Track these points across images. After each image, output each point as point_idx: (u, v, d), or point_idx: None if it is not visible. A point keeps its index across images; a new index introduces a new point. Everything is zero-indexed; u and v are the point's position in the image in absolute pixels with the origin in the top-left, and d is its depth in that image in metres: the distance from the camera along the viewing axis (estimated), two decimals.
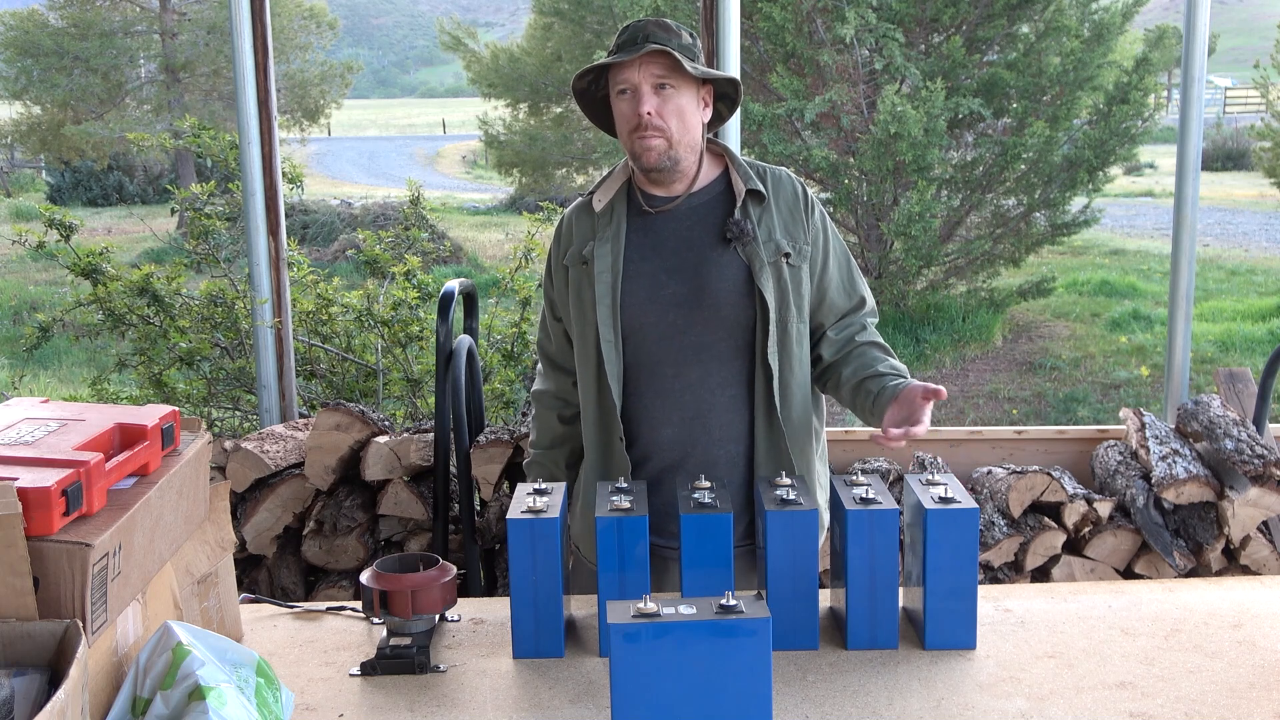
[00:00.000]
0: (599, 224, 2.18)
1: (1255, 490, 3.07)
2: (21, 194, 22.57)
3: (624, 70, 2.08)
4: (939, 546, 1.76)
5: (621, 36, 2.12)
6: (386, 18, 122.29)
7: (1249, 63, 17.78)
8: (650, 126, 2.07)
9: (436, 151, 33.29)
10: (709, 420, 2.14)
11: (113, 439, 1.58)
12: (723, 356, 2.14)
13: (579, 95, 2.21)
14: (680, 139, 2.09)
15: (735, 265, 2.12)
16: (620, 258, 2.14)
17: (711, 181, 2.19)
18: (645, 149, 2.09)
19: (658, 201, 2.18)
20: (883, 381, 2.09)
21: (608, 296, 2.13)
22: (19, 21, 18.73)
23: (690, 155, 2.14)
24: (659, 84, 2.07)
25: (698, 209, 2.17)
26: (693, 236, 2.15)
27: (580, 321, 2.20)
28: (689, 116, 2.10)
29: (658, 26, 2.09)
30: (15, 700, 1.29)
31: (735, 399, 2.15)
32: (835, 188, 9.69)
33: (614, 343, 2.13)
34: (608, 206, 2.19)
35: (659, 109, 2.07)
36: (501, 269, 4.73)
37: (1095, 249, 14.20)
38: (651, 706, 1.42)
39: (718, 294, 2.11)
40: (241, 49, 3.78)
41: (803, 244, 2.17)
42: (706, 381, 2.14)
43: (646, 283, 2.13)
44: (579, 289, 2.19)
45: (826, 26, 9.47)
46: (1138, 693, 1.65)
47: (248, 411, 4.55)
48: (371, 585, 1.81)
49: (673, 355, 2.13)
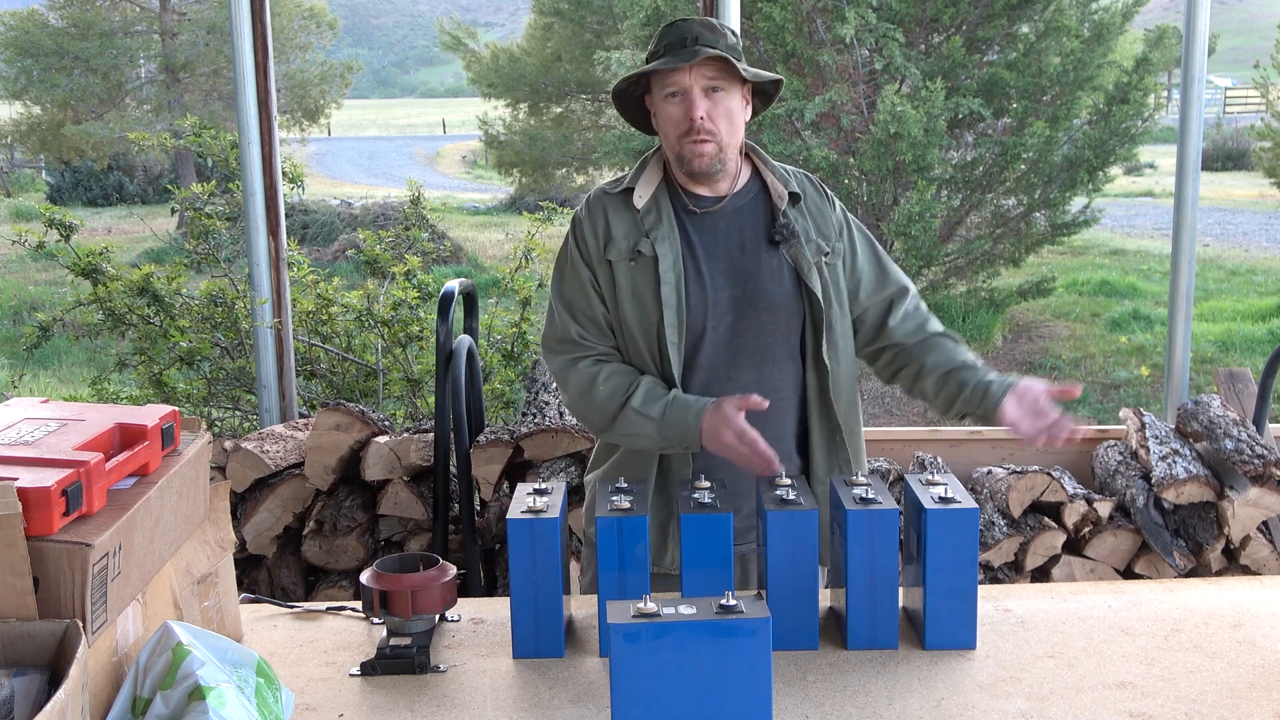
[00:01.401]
0: (647, 220, 2.11)
1: (1255, 490, 3.07)
2: (21, 194, 22.56)
3: (674, 74, 2.04)
4: (939, 546, 1.76)
5: (667, 38, 2.07)
6: (386, 18, 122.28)
7: (1249, 63, 17.78)
8: (703, 130, 2.04)
9: (436, 151, 33.28)
10: (762, 423, 2.06)
11: (113, 439, 1.58)
12: (776, 359, 2.12)
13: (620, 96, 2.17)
14: (729, 141, 2.07)
15: (784, 267, 2.11)
16: (680, 258, 2.09)
17: (748, 181, 2.17)
18: (697, 154, 2.05)
19: (704, 201, 2.14)
20: (979, 373, 2.08)
21: (673, 298, 2.07)
22: (19, 21, 18.72)
23: (735, 156, 2.12)
24: (710, 87, 2.04)
25: (741, 210, 2.15)
26: (742, 238, 2.13)
27: (641, 320, 2.11)
28: (737, 118, 2.08)
29: (704, 27, 2.06)
30: (15, 700, 1.29)
31: (786, 401, 2.13)
32: (835, 188, 9.68)
33: (679, 345, 2.09)
34: (651, 202, 2.12)
35: (710, 113, 2.04)
36: (501, 269, 4.73)
37: (1095, 249, 14.20)
38: (651, 706, 1.42)
39: (772, 296, 2.10)
40: (241, 49, 3.78)
41: (834, 240, 2.16)
42: (761, 383, 2.10)
43: (704, 284, 2.10)
44: (634, 286, 2.10)
45: (826, 26, 9.47)
46: (1138, 693, 1.65)
47: (248, 411, 4.55)
48: (371, 585, 1.81)
49: (728, 359, 2.11)
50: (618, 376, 2.09)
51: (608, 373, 2.11)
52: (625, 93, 2.16)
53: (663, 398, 2.04)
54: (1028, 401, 1.99)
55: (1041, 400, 1.98)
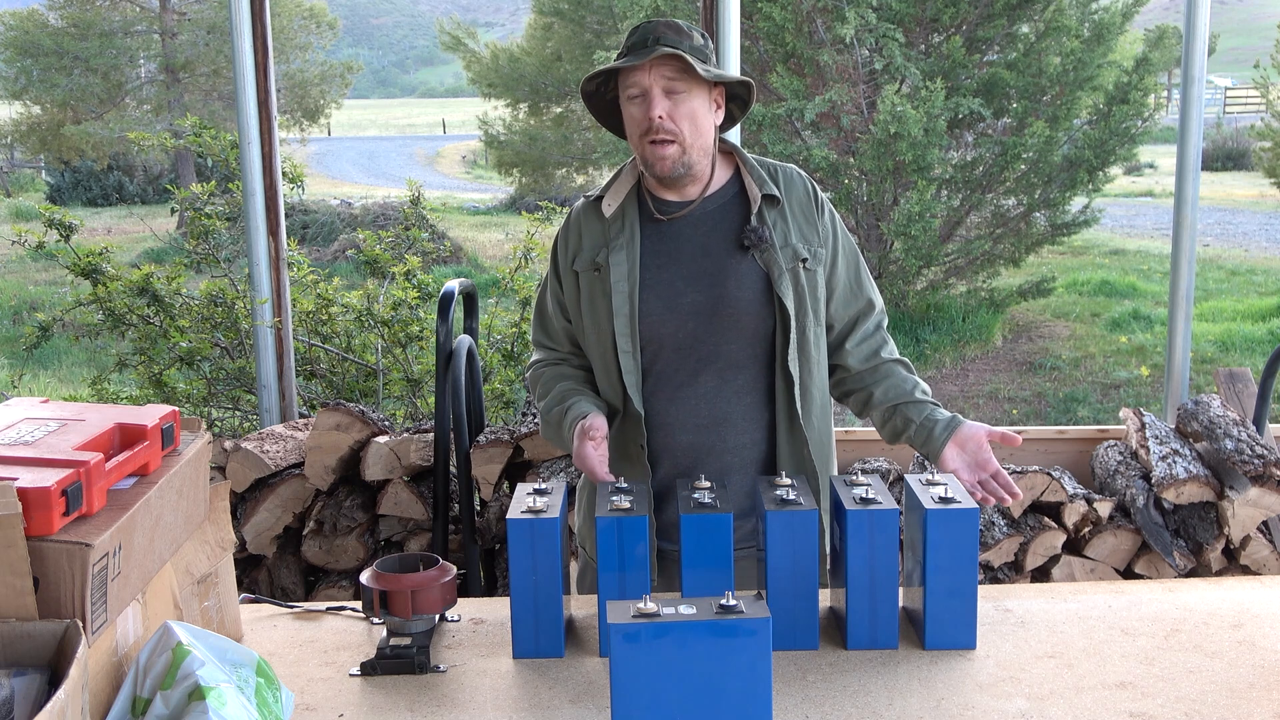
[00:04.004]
0: (610, 229, 2.13)
1: (1255, 490, 3.07)
2: (21, 194, 22.57)
3: (634, 73, 2.04)
4: (939, 546, 1.76)
5: (631, 38, 2.07)
6: (386, 18, 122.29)
7: (1249, 63, 17.80)
8: (662, 130, 2.02)
9: (436, 151, 33.29)
10: (725, 428, 2.11)
11: (113, 439, 1.58)
12: (741, 364, 2.11)
13: (588, 98, 2.17)
14: (693, 143, 2.05)
15: (754, 273, 2.09)
16: (636, 266, 2.10)
17: (724, 184, 2.15)
18: (659, 157, 2.04)
19: (671, 207, 2.13)
20: (924, 411, 2.10)
21: (625, 307, 2.08)
22: (19, 21, 18.74)
23: (704, 159, 2.10)
24: (670, 87, 2.03)
25: (713, 214, 2.13)
26: (709, 243, 2.11)
27: (596, 330, 2.15)
28: (701, 120, 2.06)
29: (668, 28, 2.05)
30: (15, 700, 1.29)
31: (753, 406, 2.12)
32: (835, 188, 9.69)
33: (632, 353, 2.09)
34: (618, 211, 2.14)
35: (670, 113, 2.03)
36: (501, 269, 4.73)
37: (1095, 249, 14.20)
38: (651, 706, 1.42)
39: (737, 302, 2.08)
40: (241, 49, 3.78)
41: (816, 246, 2.13)
42: (724, 389, 2.11)
43: (664, 291, 2.09)
44: (592, 297, 2.14)
45: (826, 26, 9.48)
46: (1138, 693, 1.65)
47: (248, 411, 4.55)
48: (371, 585, 1.81)
49: (690, 364, 2.10)
50: (549, 382, 2.22)
51: (548, 377, 2.23)
52: (600, 97, 2.16)
53: (561, 404, 2.14)
54: (969, 449, 2.02)
55: (982, 450, 2.00)
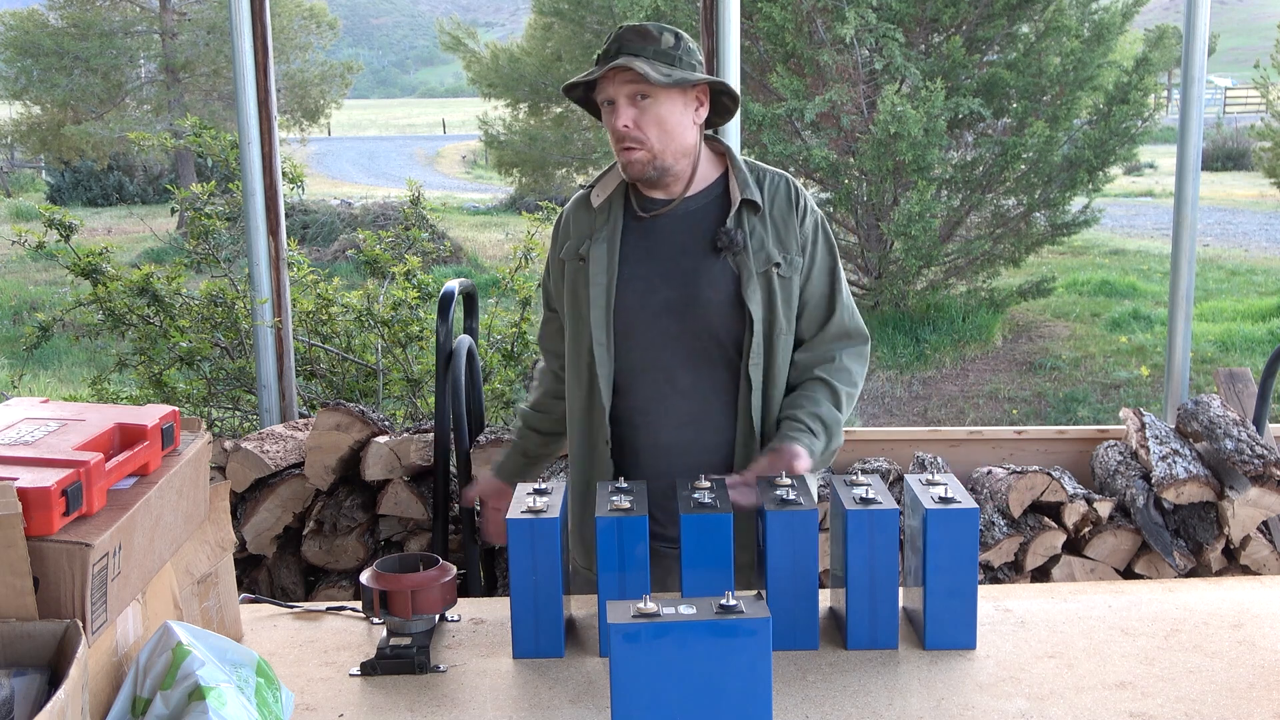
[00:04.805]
0: (597, 221, 2.17)
1: (1255, 490, 3.07)
2: (21, 194, 22.57)
3: (601, 83, 2.07)
4: (939, 546, 1.76)
5: (605, 46, 2.09)
6: (386, 18, 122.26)
7: (1249, 63, 17.79)
8: (628, 138, 2.05)
9: (436, 151, 33.29)
10: (696, 427, 2.13)
11: (113, 439, 1.58)
12: (713, 364, 2.12)
13: (581, 102, 2.18)
14: (663, 148, 2.06)
15: (726, 275, 2.10)
16: (615, 259, 2.13)
17: (710, 184, 2.16)
18: (628, 161, 2.08)
19: (654, 204, 2.15)
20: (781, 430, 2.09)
21: (601, 299, 2.11)
22: (19, 21, 18.74)
23: (681, 160, 2.10)
24: (635, 94, 2.04)
25: (694, 214, 2.14)
26: (687, 242, 2.12)
27: (574, 319, 2.19)
28: (671, 124, 2.06)
29: (635, 34, 2.05)
30: (15, 700, 1.29)
31: (722, 406, 2.13)
32: (835, 188, 9.70)
33: (606, 345, 2.12)
34: (605, 204, 2.17)
35: (636, 120, 2.04)
36: (501, 269, 4.73)
37: (1095, 249, 14.21)
38: (651, 706, 1.42)
39: (708, 303, 2.09)
40: (241, 49, 3.78)
41: (794, 253, 2.13)
42: (697, 389, 2.12)
43: (640, 287, 2.12)
44: (574, 286, 2.18)
45: (826, 26, 9.48)
46: (1138, 693, 1.65)
47: (248, 411, 4.55)
48: (371, 585, 1.81)
49: (663, 361, 2.12)
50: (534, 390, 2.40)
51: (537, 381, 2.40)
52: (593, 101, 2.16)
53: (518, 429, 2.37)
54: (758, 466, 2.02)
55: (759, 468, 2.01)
